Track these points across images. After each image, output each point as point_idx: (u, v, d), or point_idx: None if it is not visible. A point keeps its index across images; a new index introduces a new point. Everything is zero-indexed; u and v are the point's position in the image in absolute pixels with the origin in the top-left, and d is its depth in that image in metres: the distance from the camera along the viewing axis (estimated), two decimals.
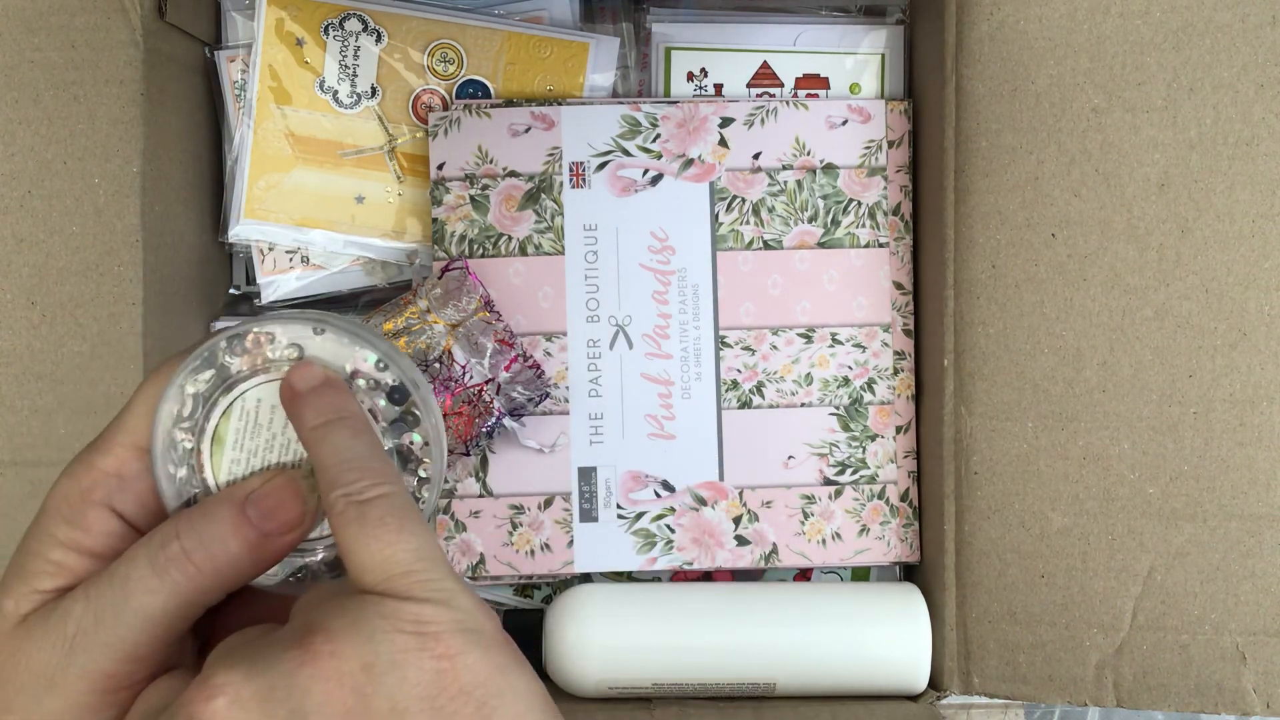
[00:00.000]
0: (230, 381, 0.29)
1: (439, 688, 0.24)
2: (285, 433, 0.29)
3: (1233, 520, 0.50)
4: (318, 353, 0.29)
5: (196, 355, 0.29)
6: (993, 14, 0.51)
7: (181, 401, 0.29)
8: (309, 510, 0.28)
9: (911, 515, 0.58)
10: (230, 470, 0.29)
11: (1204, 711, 0.50)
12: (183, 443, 0.29)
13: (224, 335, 0.29)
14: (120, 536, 0.28)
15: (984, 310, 0.52)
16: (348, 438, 0.27)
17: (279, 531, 0.28)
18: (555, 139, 0.58)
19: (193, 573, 0.27)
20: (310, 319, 0.29)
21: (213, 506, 0.28)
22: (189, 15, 0.56)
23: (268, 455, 0.29)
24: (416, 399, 0.30)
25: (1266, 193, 0.50)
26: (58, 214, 0.51)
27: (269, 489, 0.28)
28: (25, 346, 0.51)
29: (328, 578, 0.30)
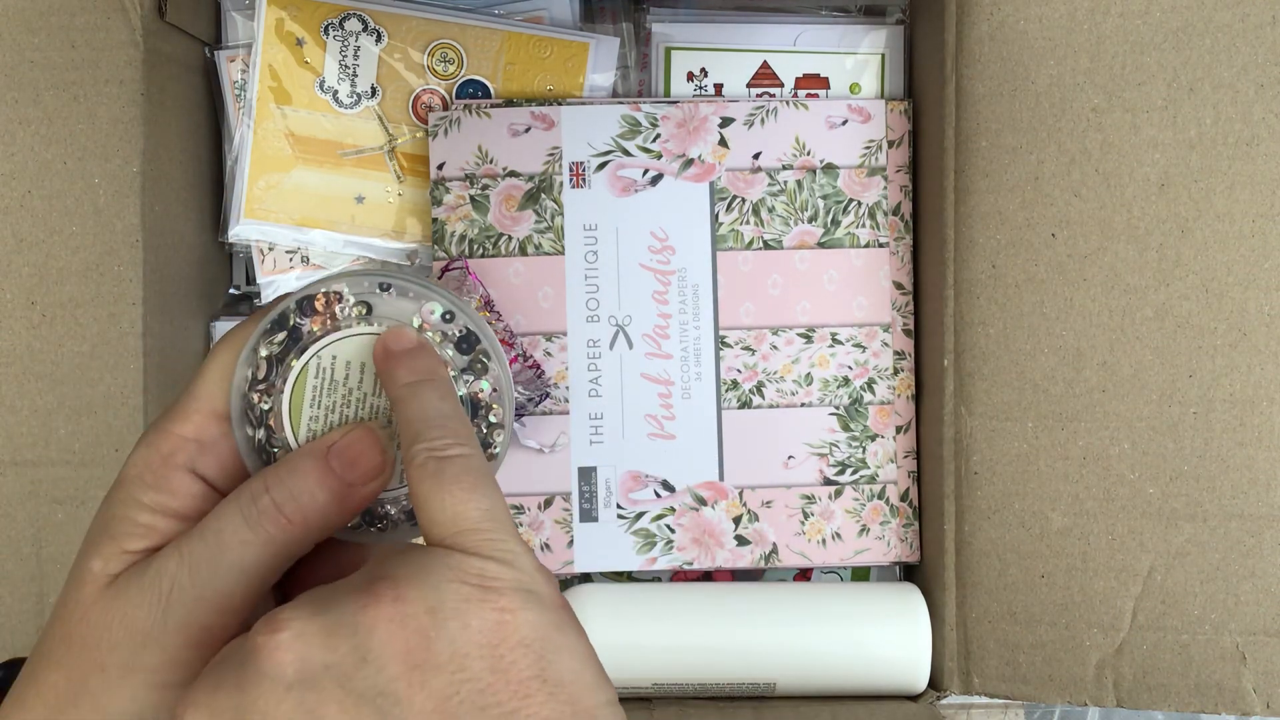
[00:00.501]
0: (303, 343, 0.30)
1: (499, 637, 0.24)
2: (360, 388, 0.30)
3: (1233, 520, 0.50)
4: (386, 309, 0.30)
5: (268, 319, 0.30)
6: (993, 14, 0.51)
7: (255, 365, 0.30)
8: (389, 459, 0.30)
9: (911, 515, 0.58)
10: (309, 427, 0.30)
11: (1204, 711, 0.50)
12: (260, 405, 0.30)
13: (293, 298, 0.30)
14: (204, 498, 0.29)
15: (984, 310, 0.52)
16: (435, 398, 0.29)
17: (362, 480, 0.29)
18: (555, 139, 0.58)
19: (284, 524, 0.28)
20: (377, 275, 0.30)
21: (298, 460, 0.29)
22: (189, 15, 0.56)
23: (345, 411, 0.30)
24: (485, 347, 0.31)
25: (1266, 193, 0.50)
26: (58, 214, 0.51)
27: (350, 439, 0.29)
28: (25, 346, 0.51)
29: (406, 526, 0.31)
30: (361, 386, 0.30)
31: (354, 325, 0.30)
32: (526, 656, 0.24)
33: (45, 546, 0.51)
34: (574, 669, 0.25)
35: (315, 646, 0.24)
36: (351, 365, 0.30)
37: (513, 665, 0.24)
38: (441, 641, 0.24)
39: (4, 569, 0.51)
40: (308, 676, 0.23)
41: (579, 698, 0.24)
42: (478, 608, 0.24)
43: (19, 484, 0.51)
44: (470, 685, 0.24)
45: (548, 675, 0.24)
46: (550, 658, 0.25)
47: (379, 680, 0.23)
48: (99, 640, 0.27)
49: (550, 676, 0.24)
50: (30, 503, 0.51)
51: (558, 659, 0.25)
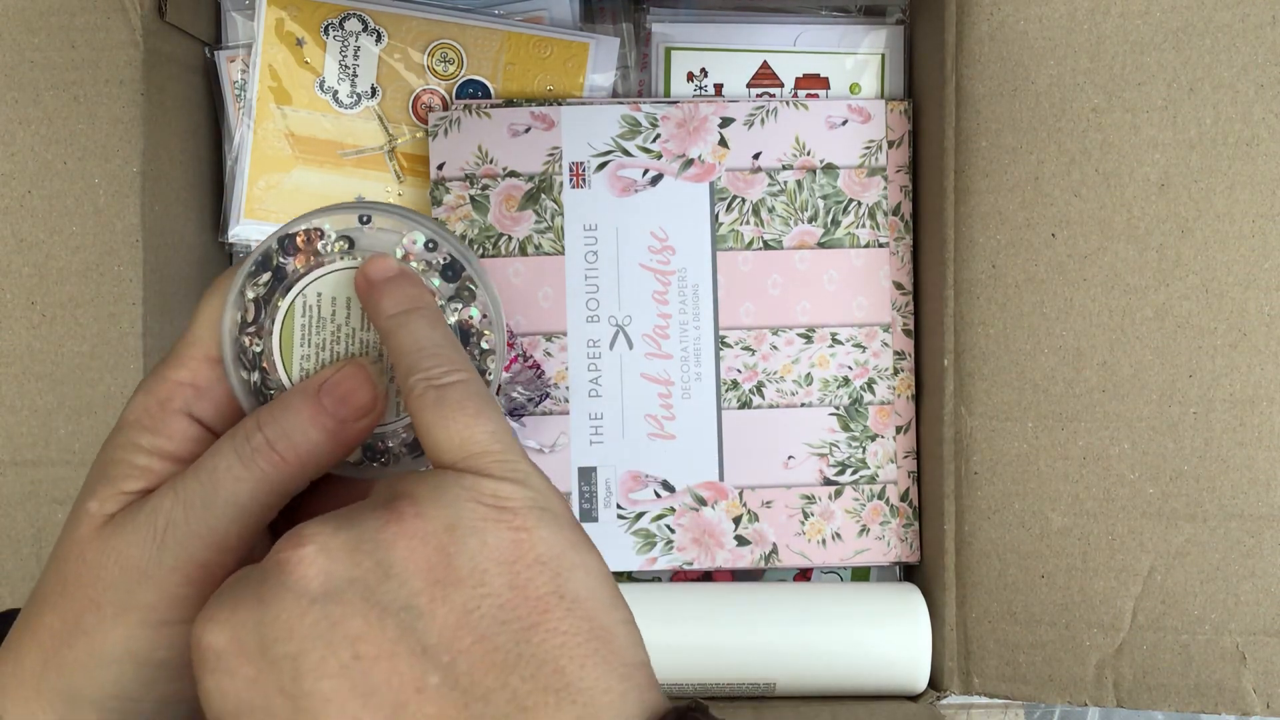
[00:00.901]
0: (287, 281, 0.30)
1: (516, 554, 0.25)
2: (349, 324, 0.30)
3: (1233, 520, 0.50)
4: (368, 242, 0.30)
5: (251, 260, 0.30)
6: (993, 14, 0.51)
7: (243, 307, 0.30)
8: (380, 394, 0.30)
9: (911, 515, 0.58)
10: (301, 366, 0.30)
11: (1204, 711, 0.50)
12: (251, 347, 0.30)
13: (274, 236, 0.30)
14: (201, 441, 0.30)
15: (984, 310, 0.52)
16: (425, 326, 0.29)
17: (354, 417, 0.29)
18: (555, 139, 0.58)
19: (277, 461, 0.28)
20: (356, 208, 0.30)
21: (290, 398, 0.29)
22: (189, 15, 0.56)
23: (335, 347, 0.30)
24: (470, 273, 0.31)
25: (1266, 193, 0.50)
26: (58, 214, 0.51)
27: (340, 376, 0.29)
28: (25, 346, 0.51)
29: (407, 459, 0.31)
30: (350, 322, 0.30)
31: (336, 260, 0.30)
32: (544, 573, 0.24)
33: (45, 546, 0.51)
34: (590, 586, 0.25)
35: (340, 561, 0.24)
36: (338, 301, 0.30)
37: (530, 581, 0.24)
38: (461, 557, 0.24)
39: (4, 569, 0.51)
40: (332, 590, 0.24)
41: (595, 614, 0.25)
42: (494, 526, 0.25)
43: (19, 484, 0.51)
44: (490, 600, 0.24)
45: (564, 591, 0.25)
46: (566, 575, 0.25)
47: (402, 594, 0.24)
48: (94, 579, 0.27)
49: (567, 593, 0.25)
50: (30, 503, 0.51)
51: (574, 576, 0.25)
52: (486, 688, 0.23)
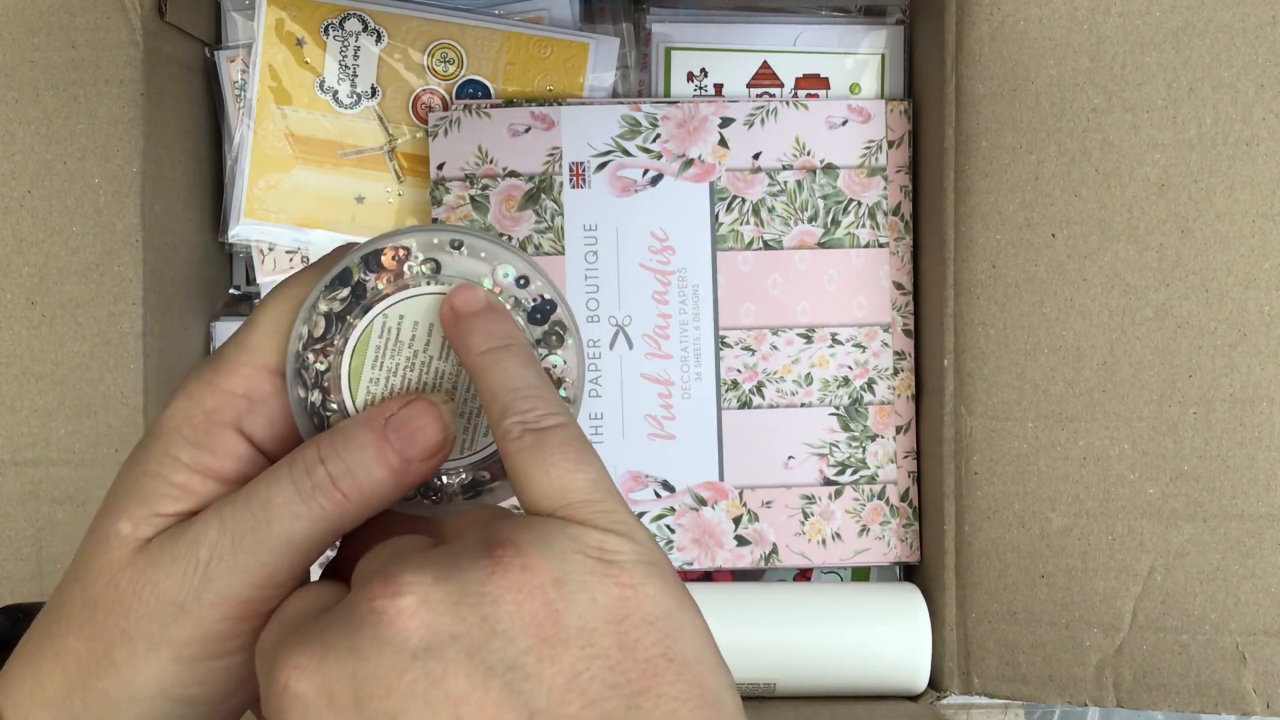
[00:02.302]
0: (366, 300, 0.28)
1: (624, 613, 0.23)
2: (426, 351, 0.29)
3: (1233, 520, 0.50)
4: (456, 268, 0.29)
5: (331, 274, 0.28)
6: (993, 14, 0.51)
7: (313, 322, 0.28)
8: (451, 435, 0.28)
9: (911, 515, 0.58)
10: (368, 390, 0.29)
11: (1204, 711, 0.50)
12: (315, 365, 0.28)
13: (358, 252, 0.28)
14: (249, 460, 0.28)
15: (984, 310, 0.52)
16: (518, 365, 0.27)
17: (421, 457, 0.27)
18: (555, 139, 0.58)
19: (339, 499, 0.26)
20: (448, 231, 0.28)
21: (355, 431, 0.27)
22: (189, 15, 0.56)
23: (408, 374, 0.29)
24: (561, 317, 0.29)
25: (1266, 193, 0.50)
26: (58, 214, 0.51)
27: (410, 413, 0.27)
28: (25, 346, 0.51)
29: (461, 500, 0.30)
30: (428, 349, 0.29)
31: (422, 284, 0.28)
32: (652, 633, 0.23)
33: (45, 546, 0.51)
34: (698, 648, 0.24)
35: (442, 615, 0.22)
36: (419, 326, 0.29)
37: (639, 642, 0.23)
38: (570, 615, 0.23)
39: (4, 569, 0.51)
40: (434, 646, 0.22)
41: (704, 678, 0.23)
42: (602, 581, 0.23)
43: (19, 484, 0.51)
44: (600, 662, 0.23)
45: (674, 654, 0.23)
46: (675, 635, 0.23)
47: (508, 653, 0.22)
48: (127, 608, 0.26)
49: (676, 655, 0.23)
50: (30, 503, 0.51)
51: (682, 636, 0.24)
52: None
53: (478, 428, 0.29)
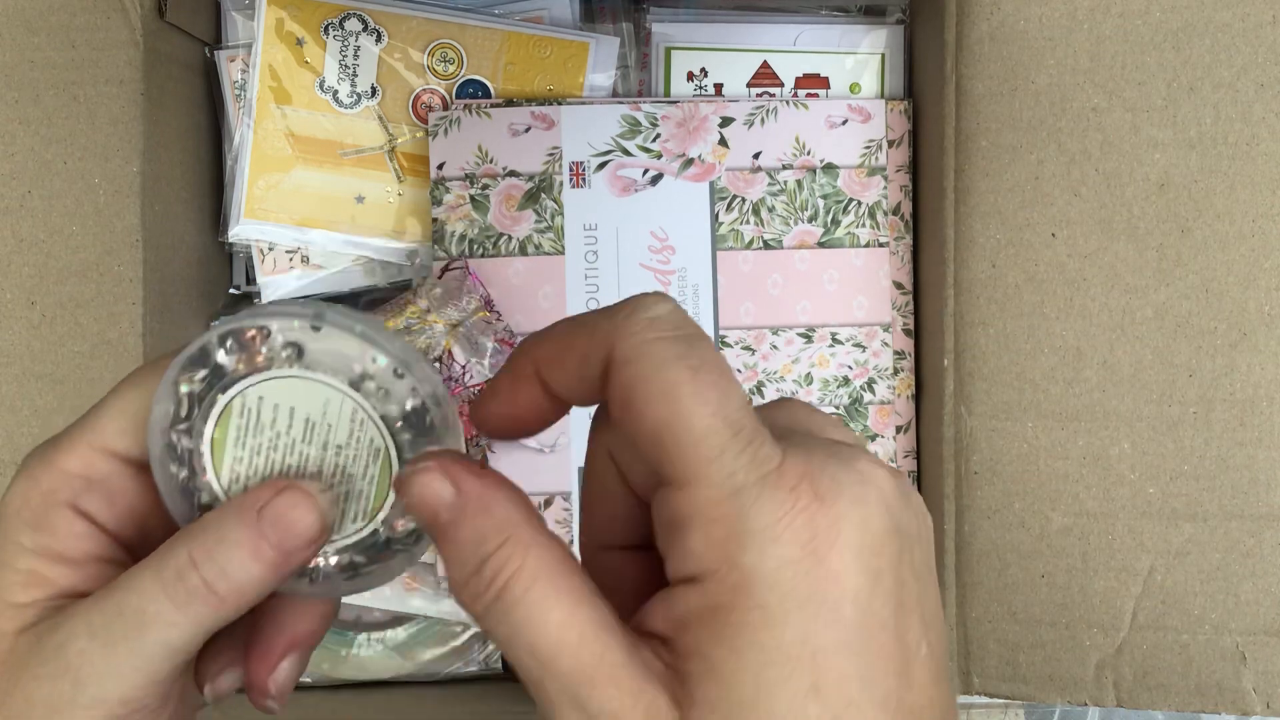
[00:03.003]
0: (226, 380, 0.27)
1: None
2: (289, 434, 0.28)
3: (1233, 520, 0.50)
4: (321, 353, 0.27)
5: (188, 354, 0.27)
6: (993, 14, 0.51)
7: (177, 401, 0.27)
8: (327, 522, 0.27)
9: None
10: (233, 469, 0.28)
11: (1204, 711, 0.50)
12: (180, 442, 0.27)
13: (216, 332, 0.27)
14: (92, 540, 0.27)
15: (984, 310, 0.52)
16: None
17: (299, 547, 0.26)
18: (555, 139, 0.58)
19: (216, 603, 0.25)
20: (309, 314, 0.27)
21: (227, 527, 0.26)
22: (189, 15, 0.56)
23: (271, 454, 0.28)
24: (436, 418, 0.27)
25: (1266, 193, 0.50)
26: (58, 214, 0.51)
27: (284, 503, 0.26)
28: (25, 346, 0.51)
29: (339, 580, 0.29)
30: (290, 432, 0.27)
31: (284, 366, 0.27)
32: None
33: None
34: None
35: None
36: (280, 409, 0.27)
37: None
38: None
39: None
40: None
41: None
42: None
43: None
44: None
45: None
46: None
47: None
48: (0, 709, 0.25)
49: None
50: None
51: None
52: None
53: (346, 512, 0.28)
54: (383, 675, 0.59)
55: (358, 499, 0.28)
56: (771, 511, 0.21)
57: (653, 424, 0.22)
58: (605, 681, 0.21)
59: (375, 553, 0.28)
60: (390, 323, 0.56)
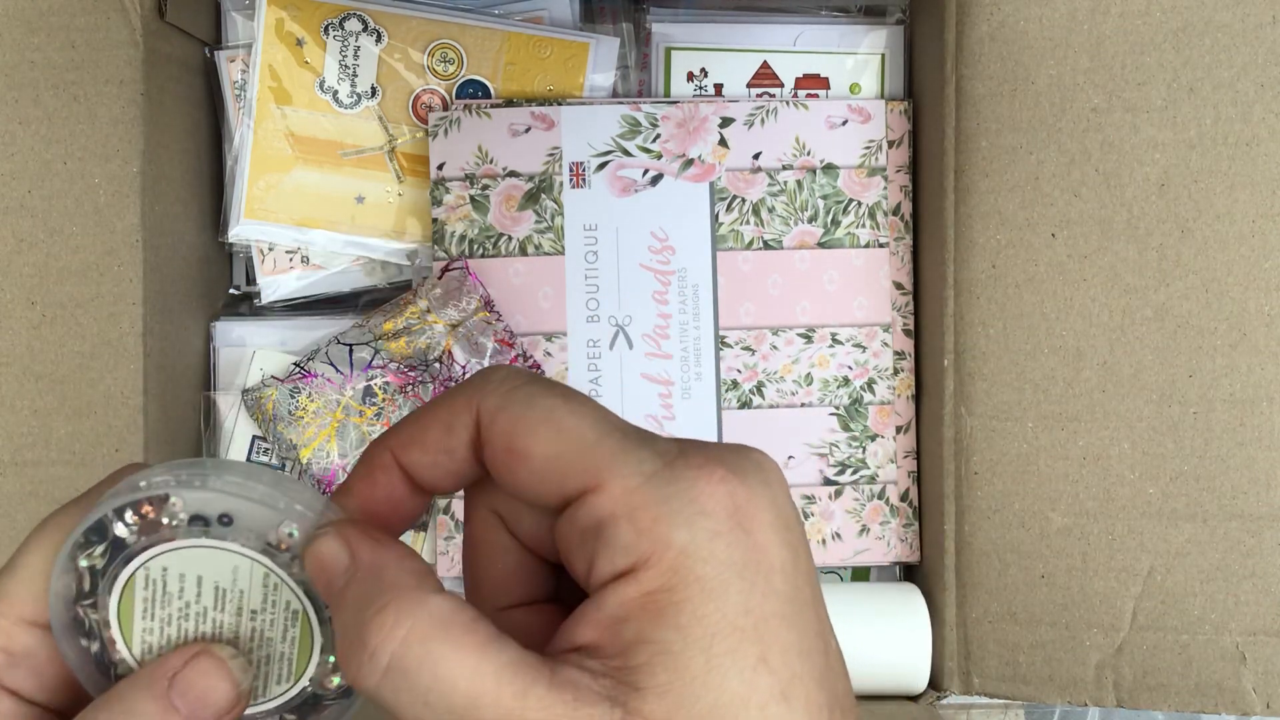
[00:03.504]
0: (127, 553, 0.26)
1: None
2: (199, 602, 0.26)
3: (1233, 520, 0.50)
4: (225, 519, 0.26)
5: (84, 528, 0.26)
6: (993, 14, 0.51)
7: (78, 575, 0.26)
8: (242, 690, 0.26)
9: (911, 515, 0.58)
10: (143, 640, 0.26)
11: (1204, 711, 0.50)
12: (89, 617, 0.26)
13: (111, 505, 0.26)
14: (19, 716, 0.26)
15: (984, 310, 0.52)
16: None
17: (212, 717, 0.25)
18: (555, 139, 0.58)
19: None
20: (208, 477, 0.26)
21: (135, 699, 0.25)
22: (189, 15, 0.56)
23: (183, 624, 0.26)
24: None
25: (1266, 193, 0.50)
26: (58, 214, 0.51)
27: (195, 672, 0.25)
28: (25, 346, 0.51)
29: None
30: (200, 601, 0.26)
31: (186, 536, 0.26)
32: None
33: None
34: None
35: None
36: (187, 578, 0.26)
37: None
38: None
39: None
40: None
41: None
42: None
43: (19, 484, 0.51)
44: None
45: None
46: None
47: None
48: None
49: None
50: (30, 503, 0.51)
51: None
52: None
53: (269, 675, 0.27)
54: None
55: (280, 661, 0.26)
56: (690, 488, 0.21)
57: (544, 451, 0.22)
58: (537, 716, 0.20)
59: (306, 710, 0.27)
60: (389, 324, 0.56)
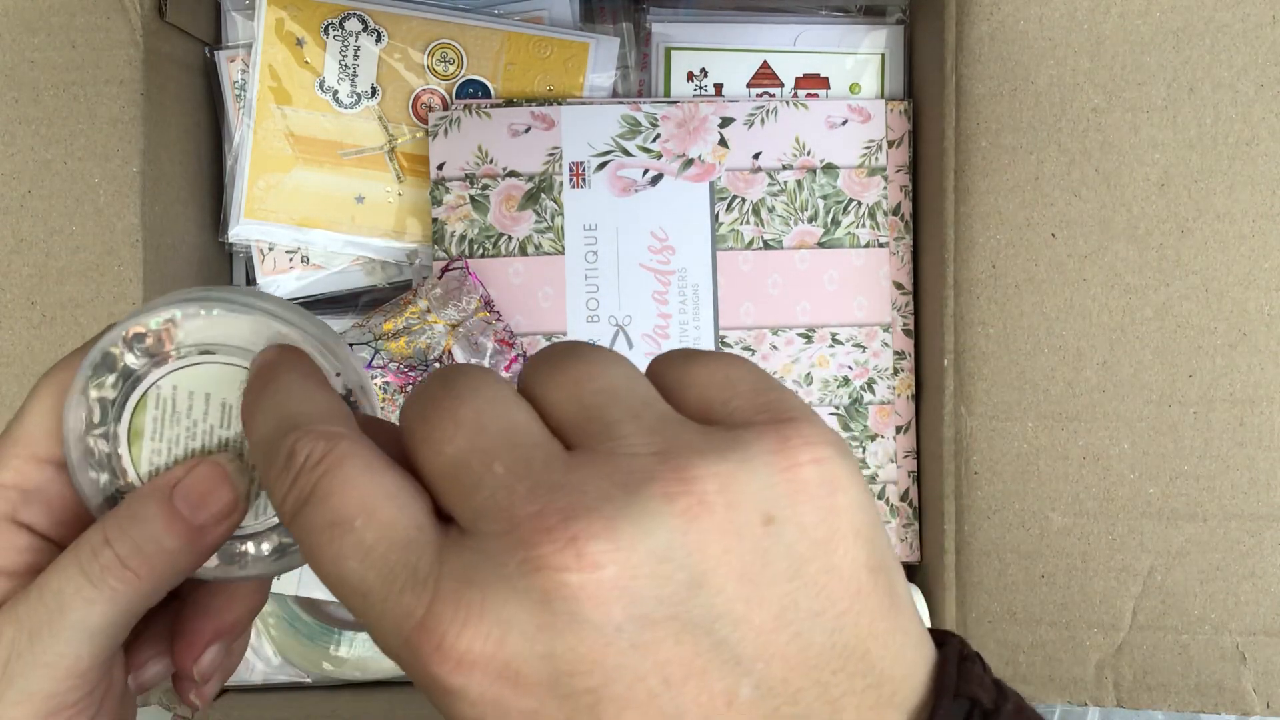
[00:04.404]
0: (136, 376, 0.27)
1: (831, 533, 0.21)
2: (205, 420, 0.28)
3: (1233, 520, 0.50)
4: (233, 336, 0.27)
5: (93, 358, 0.27)
6: (993, 14, 0.51)
7: (88, 408, 0.27)
8: (240, 494, 0.27)
9: (911, 515, 0.58)
10: (151, 460, 0.27)
11: (1204, 711, 0.50)
12: (100, 448, 0.27)
13: (119, 332, 0.27)
14: (35, 551, 0.27)
15: (984, 310, 0.52)
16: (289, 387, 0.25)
17: (213, 521, 0.26)
18: (555, 139, 0.58)
19: (130, 578, 0.26)
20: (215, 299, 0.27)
21: (140, 505, 0.26)
22: (189, 15, 0.56)
23: (189, 443, 0.27)
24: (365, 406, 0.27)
25: (1266, 193, 0.50)
26: (58, 214, 0.51)
27: (196, 478, 0.26)
28: (25, 346, 0.51)
29: (268, 561, 0.29)
30: (207, 418, 0.27)
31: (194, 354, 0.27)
32: (857, 547, 0.21)
33: None
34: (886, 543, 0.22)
35: (645, 580, 0.20)
36: (195, 396, 0.27)
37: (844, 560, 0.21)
38: (778, 551, 0.20)
39: None
40: (639, 615, 0.20)
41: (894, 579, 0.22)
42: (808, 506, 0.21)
43: None
44: (805, 591, 0.21)
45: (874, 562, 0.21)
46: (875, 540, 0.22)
47: (715, 604, 0.20)
48: None
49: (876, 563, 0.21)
50: None
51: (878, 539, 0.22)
52: (796, 688, 0.20)
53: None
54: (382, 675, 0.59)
55: None
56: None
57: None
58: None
59: None
60: (389, 324, 0.56)
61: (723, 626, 0.20)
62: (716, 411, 0.22)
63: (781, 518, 0.20)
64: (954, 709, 0.21)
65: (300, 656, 0.58)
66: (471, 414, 0.21)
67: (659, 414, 0.22)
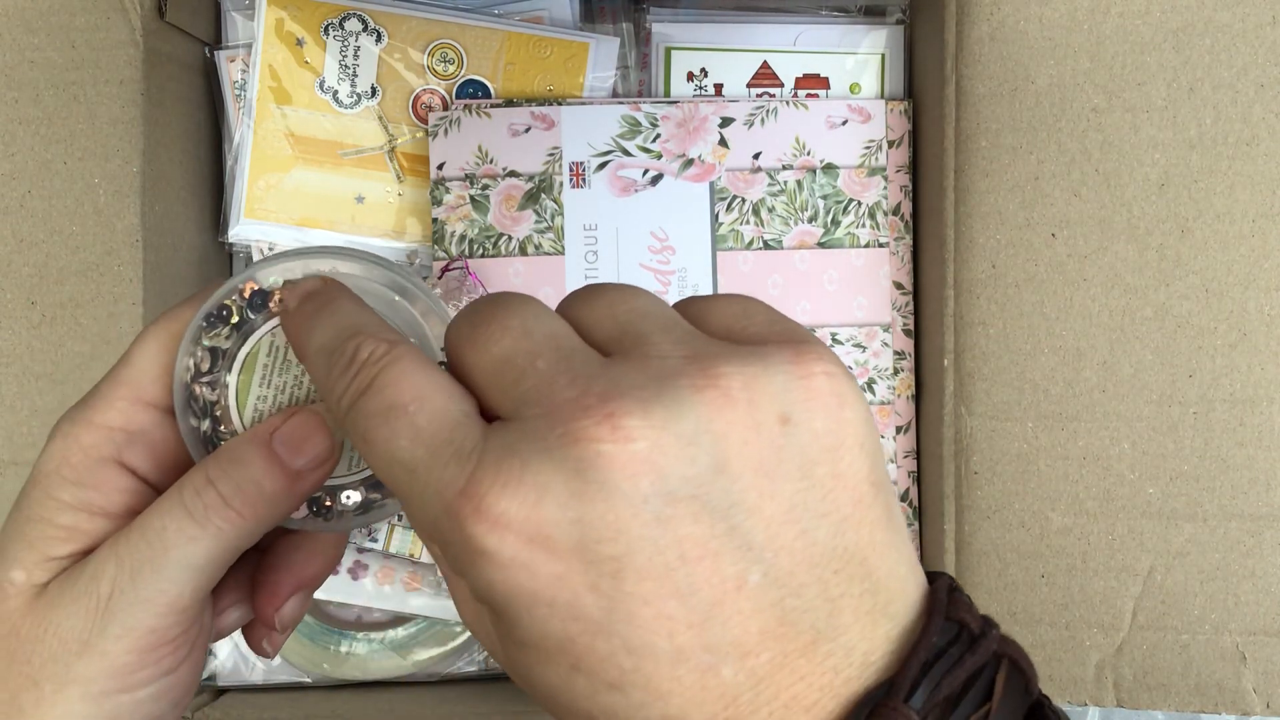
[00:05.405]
0: (249, 327, 0.29)
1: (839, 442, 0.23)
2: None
3: (1233, 520, 0.50)
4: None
5: (209, 308, 0.28)
6: (993, 14, 0.51)
7: (198, 356, 0.28)
8: (336, 442, 0.28)
9: (911, 515, 0.58)
10: (256, 408, 0.29)
11: (1204, 711, 0.50)
12: (205, 395, 0.28)
13: (237, 284, 0.28)
14: (135, 493, 0.28)
15: (984, 310, 0.52)
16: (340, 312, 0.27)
17: (310, 466, 0.28)
18: (555, 139, 0.58)
19: (233, 517, 0.27)
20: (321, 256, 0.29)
21: (241, 449, 0.27)
22: (189, 15, 0.56)
23: (295, 391, 0.29)
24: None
25: (1266, 193, 0.50)
26: (58, 214, 0.51)
27: (294, 424, 0.28)
28: (25, 346, 0.51)
29: (353, 515, 0.30)
30: None
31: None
32: (861, 459, 0.23)
33: None
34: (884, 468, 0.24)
35: (673, 458, 0.21)
36: None
37: (849, 469, 0.23)
38: (791, 450, 0.22)
39: None
40: (665, 490, 0.21)
41: (890, 498, 0.23)
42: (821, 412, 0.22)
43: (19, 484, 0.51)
44: (814, 492, 0.22)
45: (875, 478, 0.23)
46: (876, 459, 0.23)
47: (733, 490, 0.22)
48: (30, 654, 0.26)
49: (876, 478, 0.23)
50: None
51: (879, 459, 0.23)
52: (800, 582, 0.22)
53: None
54: (382, 675, 0.59)
55: None
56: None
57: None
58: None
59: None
60: None
61: (737, 513, 0.22)
62: (736, 334, 0.24)
63: (796, 419, 0.22)
64: (945, 628, 0.23)
65: (300, 656, 0.58)
66: (518, 322, 0.23)
67: (687, 329, 0.24)
